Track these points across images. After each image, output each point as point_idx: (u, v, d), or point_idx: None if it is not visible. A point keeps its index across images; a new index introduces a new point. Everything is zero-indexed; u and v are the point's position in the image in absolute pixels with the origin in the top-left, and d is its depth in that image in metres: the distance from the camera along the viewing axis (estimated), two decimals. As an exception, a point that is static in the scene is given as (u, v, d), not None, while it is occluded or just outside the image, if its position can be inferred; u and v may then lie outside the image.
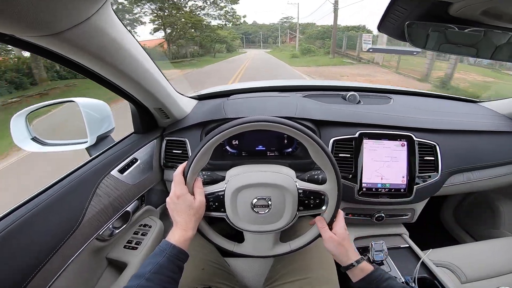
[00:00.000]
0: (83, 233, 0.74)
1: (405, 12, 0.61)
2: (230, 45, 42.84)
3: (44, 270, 0.63)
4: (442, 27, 0.61)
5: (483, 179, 1.16)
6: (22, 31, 0.45)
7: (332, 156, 0.70)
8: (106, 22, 0.54)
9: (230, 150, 1.12)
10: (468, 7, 0.54)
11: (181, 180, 0.70)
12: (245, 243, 0.80)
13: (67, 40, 0.50)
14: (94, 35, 0.53)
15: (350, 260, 0.70)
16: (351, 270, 0.70)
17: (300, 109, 1.06)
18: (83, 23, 0.48)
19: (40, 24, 0.43)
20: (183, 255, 0.64)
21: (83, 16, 0.47)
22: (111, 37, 0.57)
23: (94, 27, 0.51)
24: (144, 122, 1.04)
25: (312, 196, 0.75)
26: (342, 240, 0.72)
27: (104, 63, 0.63)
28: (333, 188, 0.73)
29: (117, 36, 0.59)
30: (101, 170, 0.86)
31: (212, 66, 18.07)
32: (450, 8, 0.57)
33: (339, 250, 0.72)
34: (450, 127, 1.10)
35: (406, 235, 1.17)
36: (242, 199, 0.73)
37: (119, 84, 0.77)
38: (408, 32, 0.64)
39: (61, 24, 0.46)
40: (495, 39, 0.61)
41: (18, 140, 0.92)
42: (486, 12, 0.56)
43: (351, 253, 0.71)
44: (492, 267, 1.03)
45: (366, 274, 0.67)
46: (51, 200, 0.70)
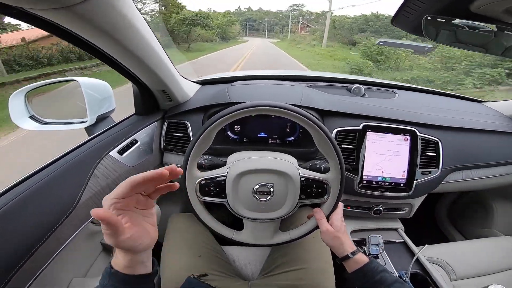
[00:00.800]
0: (79, 215, 0.72)
1: (423, 6, 0.60)
2: (225, 32, 35.64)
3: (39, 252, 0.62)
4: (452, 25, 0.60)
5: (482, 178, 1.17)
6: (31, 3, 0.43)
7: (337, 145, 0.69)
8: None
9: (232, 136, 1.11)
10: (491, 4, 0.53)
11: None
12: (245, 230, 0.80)
13: (77, 14, 0.48)
14: (105, 10, 0.51)
15: (346, 252, 0.71)
16: (346, 261, 0.71)
17: (305, 97, 1.05)
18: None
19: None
20: (135, 278, 0.46)
21: None
22: (122, 14, 0.55)
23: (105, 2, 0.49)
24: (146, 103, 1.02)
25: (314, 185, 0.75)
26: (338, 232, 0.73)
27: (112, 40, 0.60)
28: (336, 177, 0.72)
29: (128, 13, 0.57)
30: (100, 150, 0.84)
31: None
32: (472, 4, 0.55)
33: (335, 242, 0.73)
34: (454, 124, 1.09)
35: (401, 230, 1.18)
36: (244, 185, 0.72)
37: (125, 63, 0.75)
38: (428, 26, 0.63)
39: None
40: (506, 40, 0.60)
41: (16, 117, 0.91)
42: (509, 11, 0.55)
43: (347, 245, 0.72)
44: (481, 265, 1.04)
45: (360, 266, 0.69)
46: (46, 180, 0.68)
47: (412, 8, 0.62)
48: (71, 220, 0.70)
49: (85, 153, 0.80)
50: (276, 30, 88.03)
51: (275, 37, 75.88)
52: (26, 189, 0.63)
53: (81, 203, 0.72)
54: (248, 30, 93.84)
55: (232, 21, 38.80)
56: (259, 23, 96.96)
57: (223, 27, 34.00)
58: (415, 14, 0.62)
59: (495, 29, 0.60)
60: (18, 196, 0.61)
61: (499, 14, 0.56)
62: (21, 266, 0.58)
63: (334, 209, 0.76)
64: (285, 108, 0.65)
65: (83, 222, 0.75)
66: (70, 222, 0.70)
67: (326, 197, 0.76)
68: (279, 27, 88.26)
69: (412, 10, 0.62)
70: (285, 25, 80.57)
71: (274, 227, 0.79)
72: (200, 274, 0.80)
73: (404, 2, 0.61)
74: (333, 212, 0.76)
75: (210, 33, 27.51)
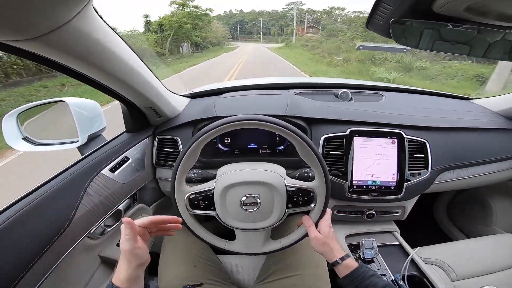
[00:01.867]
0: (74, 231, 0.75)
1: (390, 9, 0.61)
2: (188, 37, 24.58)
3: (36, 267, 0.64)
4: (435, 24, 0.61)
5: (474, 176, 1.17)
6: (1, 36, 0.45)
7: (319, 153, 0.70)
8: (89, 24, 0.54)
9: (222, 148, 1.12)
10: (451, 3, 0.54)
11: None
12: (237, 240, 0.81)
13: (48, 43, 0.50)
14: (76, 37, 0.53)
15: (335, 258, 0.72)
16: (336, 266, 0.72)
17: (291, 106, 1.07)
18: (63, 26, 0.48)
19: (19, 28, 0.43)
20: None
21: (63, 20, 0.47)
22: (94, 39, 0.57)
23: (75, 30, 0.51)
24: (135, 121, 1.05)
25: (300, 194, 0.76)
26: (327, 238, 0.74)
27: (89, 64, 0.62)
28: (321, 185, 0.73)
29: (101, 37, 0.59)
30: (92, 169, 0.86)
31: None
32: (433, 4, 0.56)
33: (324, 248, 0.74)
34: (441, 124, 1.10)
35: (397, 233, 1.18)
36: (231, 197, 0.74)
37: (107, 84, 0.77)
38: (395, 30, 0.64)
39: (39, 28, 0.45)
40: (489, 37, 0.61)
41: (10, 140, 0.92)
42: (470, 9, 0.56)
43: (336, 251, 0.73)
44: (482, 264, 1.03)
45: (350, 271, 0.69)
46: (41, 199, 0.71)
47: (382, 12, 0.62)
48: (67, 235, 0.73)
49: (78, 172, 0.82)
50: (273, 32, 75.33)
51: (273, 41, 64.74)
52: (23, 206, 0.66)
53: (75, 219, 0.75)
54: (240, 34, 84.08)
55: (200, 17, 25.44)
56: (252, 25, 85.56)
57: (184, 31, 23.18)
58: (385, 18, 0.63)
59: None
60: (16, 213, 0.64)
61: (461, 12, 0.57)
62: (21, 279, 0.61)
63: (322, 216, 0.77)
64: (265, 120, 0.66)
65: (79, 237, 0.78)
66: (66, 237, 0.73)
67: (313, 205, 0.77)
68: (276, 28, 75.78)
69: (382, 14, 0.63)
70: (283, 26, 71.53)
71: (264, 236, 0.80)
72: (196, 283, 0.81)
73: (373, 6, 0.62)
74: (321, 218, 0.77)
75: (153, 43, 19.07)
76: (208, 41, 27.91)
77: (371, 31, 0.72)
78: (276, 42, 54.14)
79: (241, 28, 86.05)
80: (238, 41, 73.36)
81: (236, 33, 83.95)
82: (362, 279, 0.67)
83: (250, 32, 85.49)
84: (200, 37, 26.12)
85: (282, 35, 62.35)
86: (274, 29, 73.32)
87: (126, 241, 0.60)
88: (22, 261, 0.62)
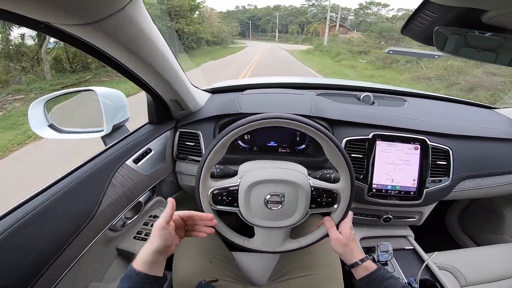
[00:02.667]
0: (97, 223, 0.76)
1: (434, 17, 0.60)
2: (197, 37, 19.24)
3: (60, 259, 0.64)
4: (463, 30, 0.60)
5: (493, 185, 1.16)
6: (58, 19, 0.46)
7: (347, 156, 0.71)
8: (138, 12, 0.54)
9: (242, 145, 1.12)
10: (502, 16, 0.54)
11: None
12: (255, 238, 0.82)
13: (99, 30, 0.50)
14: (126, 25, 0.54)
15: (355, 259, 0.72)
16: (355, 268, 0.72)
17: (315, 107, 1.06)
18: (116, 13, 0.48)
19: (76, 13, 0.44)
20: (151, 279, 0.59)
21: (117, 7, 0.48)
22: (140, 28, 0.58)
23: (127, 17, 0.52)
24: (159, 113, 1.05)
25: (324, 194, 0.76)
26: (348, 240, 0.75)
27: (130, 53, 0.63)
28: (346, 187, 0.74)
29: (146, 27, 0.60)
30: (117, 159, 0.87)
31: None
32: (483, 15, 0.56)
33: (345, 250, 0.74)
34: (465, 132, 1.09)
35: (411, 237, 1.18)
36: (255, 195, 0.74)
37: (141, 74, 0.78)
38: (438, 37, 0.64)
39: (95, 13, 0.46)
40: None
41: (35, 126, 0.93)
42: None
43: (356, 252, 0.74)
44: (492, 271, 1.04)
45: (369, 273, 0.70)
46: (67, 189, 0.71)
47: (422, 19, 0.62)
48: (91, 227, 0.73)
49: (103, 162, 0.83)
50: (291, 30, 60.77)
51: (291, 40, 51.85)
52: (49, 197, 0.66)
53: (100, 211, 0.75)
54: (252, 31, 73.26)
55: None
56: (266, 21, 71.94)
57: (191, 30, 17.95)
58: (426, 24, 0.63)
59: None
60: (41, 204, 0.64)
61: (510, 24, 0.56)
62: (45, 271, 0.61)
63: (344, 218, 0.77)
64: (297, 120, 0.67)
65: (102, 228, 0.78)
66: (90, 229, 0.73)
67: (336, 206, 0.77)
68: (295, 25, 61.42)
69: (423, 20, 0.62)
70: (304, 23, 58.19)
71: (284, 235, 0.81)
72: (211, 279, 0.81)
73: (414, 12, 0.62)
74: (342, 220, 0.78)
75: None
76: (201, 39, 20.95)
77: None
78: (295, 42, 44.04)
79: (253, 24, 75.45)
80: (250, 39, 65.14)
81: (247, 30, 74.18)
82: (380, 281, 0.68)
83: (263, 29, 72.83)
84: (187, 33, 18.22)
85: (302, 33, 53.42)
86: (293, 26, 60.15)
87: (160, 218, 0.63)
88: (45, 255, 0.62)
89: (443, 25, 0.61)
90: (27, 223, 0.60)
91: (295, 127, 0.68)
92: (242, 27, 71.42)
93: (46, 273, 0.61)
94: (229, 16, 71.68)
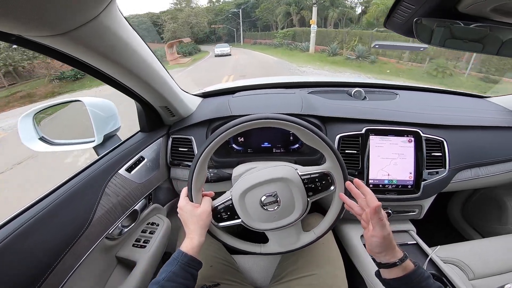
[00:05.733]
0: (93, 232, 0.75)
1: (412, 8, 0.61)
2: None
3: (57, 270, 0.64)
4: (448, 22, 0.60)
5: (492, 175, 1.15)
6: (29, 31, 0.45)
7: (322, 133, 0.70)
8: (113, 21, 0.54)
9: (236, 148, 1.12)
10: (478, 4, 0.54)
11: (184, 193, 0.77)
12: (270, 242, 0.82)
13: (74, 40, 0.50)
14: (101, 34, 0.53)
15: (394, 259, 0.60)
16: (392, 268, 0.61)
17: (306, 105, 1.06)
18: (90, 22, 0.48)
19: (47, 23, 0.43)
20: (195, 263, 0.67)
21: (90, 15, 0.47)
22: (118, 36, 0.57)
23: (101, 26, 0.51)
24: (150, 120, 1.05)
25: (317, 179, 0.75)
26: (390, 234, 0.62)
27: (111, 62, 0.63)
28: (334, 164, 0.73)
29: (124, 35, 0.59)
30: (109, 169, 0.86)
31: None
32: (459, 4, 0.56)
33: (386, 248, 0.61)
34: (458, 122, 1.09)
35: (413, 232, 1.16)
36: (250, 202, 0.74)
37: (126, 83, 0.77)
38: (418, 28, 0.63)
39: (68, 23, 0.45)
40: (502, 34, 0.60)
41: (26, 139, 0.93)
42: (496, 9, 0.55)
43: (397, 251, 0.62)
44: (500, 263, 1.02)
45: (407, 273, 0.60)
46: (61, 200, 0.70)
47: (402, 11, 0.62)
48: (87, 237, 0.73)
49: (96, 172, 0.83)
50: (330, 16, 24.68)
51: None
52: (42, 208, 0.66)
53: (94, 221, 0.75)
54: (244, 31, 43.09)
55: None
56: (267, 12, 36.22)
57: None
58: (406, 16, 0.63)
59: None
60: (35, 216, 0.64)
61: (487, 13, 0.56)
62: (42, 283, 0.60)
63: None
64: (259, 118, 0.68)
65: (98, 238, 0.77)
66: (86, 238, 0.73)
67: (333, 187, 0.76)
68: (336, 11, 24.55)
69: (402, 12, 0.62)
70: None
71: (296, 231, 0.81)
72: (212, 283, 0.81)
73: (394, 4, 0.62)
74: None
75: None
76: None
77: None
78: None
79: (248, 17, 41.71)
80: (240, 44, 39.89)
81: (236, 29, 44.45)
82: (418, 281, 0.59)
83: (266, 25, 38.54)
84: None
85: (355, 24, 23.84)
86: (333, 10, 24.73)
87: (206, 201, 0.75)
88: (43, 264, 0.62)
89: (422, 16, 0.61)
90: (20, 236, 0.60)
91: (265, 125, 0.69)
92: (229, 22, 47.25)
93: (46, 281, 0.61)
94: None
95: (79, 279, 0.78)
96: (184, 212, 0.73)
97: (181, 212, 0.74)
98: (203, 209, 0.73)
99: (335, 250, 0.94)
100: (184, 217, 0.74)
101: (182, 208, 0.74)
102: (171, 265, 0.64)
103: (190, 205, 0.73)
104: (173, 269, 0.63)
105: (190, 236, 0.70)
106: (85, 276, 0.83)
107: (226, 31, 50.43)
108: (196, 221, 0.71)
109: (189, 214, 0.72)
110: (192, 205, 0.74)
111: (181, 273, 0.63)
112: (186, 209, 0.73)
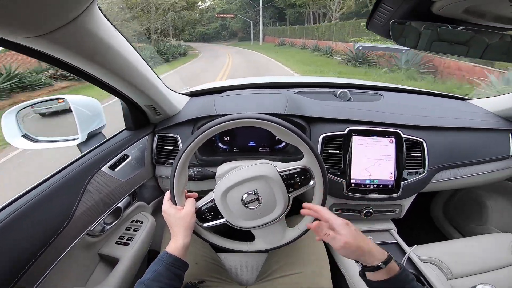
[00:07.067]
0: (74, 229, 0.76)
1: (390, 10, 0.62)
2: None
3: (37, 264, 0.65)
4: (434, 25, 0.62)
5: (471, 175, 1.18)
6: (9, 33, 0.45)
7: (295, 129, 0.72)
8: (94, 22, 0.54)
9: (222, 146, 1.13)
10: (450, 6, 0.55)
11: (167, 196, 0.78)
12: (256, 240, 0.82)
13: (55, 41, 0.50)
14: (82, 35, 0.54)
15: (377, 261, 0.59)
16: (376, 271, 0.60)
17: (291, 105, 1.07)
18: (70, 23, 0.48)
19: (26, 25, 0.43)
20: (180, 263, 0.68)
21: (70, 17, 0.47)
22: (99, 37, 0.57)
23: (81, 28, 0.51)
24: (135, 118, 1.05)
25: (296, 175, 0.77)
26: (355, 240, 0.62)
27: (93, 62, 0.63)
28: (311, 158, 0.75)
29: (105, 35, 0.59)
30: (92, 166, 0.86)
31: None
32: (433, 6, 0.57)
33: (358, 254, 0.62)
34: (438, 124, 1.11)
35: (394, 231, 1.19)
36: (232, 201, 0.75)
37: (109, 82, 0.78)
38: (394, 30, 0.64)
39: (47, 25, 0.46)
40: (487, 38, 0.61)
41: (9, 136, 0.93)
42: (468, 11, 0.57)
43: (376, 252, 0.61)
44: (478, 263, 1.04)
45: (391, 276, 0.59)
46: (41, 197, 0.71)
47: (382, 13, 0.63)
48: (68, 232, 0.73)
49: (78, 169, 0.83)
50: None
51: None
52: (23, 204, 0.67)
53: (76, 216, 0.75)
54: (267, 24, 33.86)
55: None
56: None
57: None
58: (385, 19, 0.64)
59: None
60: (16, 211, 0.65)
61: (460, 14, 0.58)
62: (21, 277, 0.61)
63: (326, 190, 0.77)
64: (236, 118, 0.70)
65: (79, 234, 0.78)
66: (67, 234, 0.73)
67: (312, 182, 0.77)
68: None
69: (382, 15, 0.63)
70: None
71: (281, 227, 0.81)
72: (197, 280, 0.81)
73: (373, 7, 0.63)
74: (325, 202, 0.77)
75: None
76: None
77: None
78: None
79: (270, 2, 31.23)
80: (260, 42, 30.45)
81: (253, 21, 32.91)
82: (402, 284, 0.59)
83: (297, 16, 27.02)
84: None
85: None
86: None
87: (189, 202, 0.76)
88: (22, 259, 0.63)
89: (400, 18, 0.63)
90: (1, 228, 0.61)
91: (236, 126, 0.71)
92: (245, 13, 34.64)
93: (24, 276, 0.62)
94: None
95: (61, 275, 0.79)
96: (168, 215, 0.74)
97: (165, 215, 0.75)
98: (186, 211, 0.74)
99: (321, 249, 0.95)
100: (169, 220, 0.75)
101: (165, 211, 0.75)
102: (156, 265, 0.65)
103: (173, 208, 0.74)
104: (158, 269, 0.64)
105: (175, 238, 0.71)
106: (67, 272, 0.83)
107: (240, 25, 37.19)
108: (181, 224, 0.72)
109: (172, 217, 0.73)
110: (175, 208, 0.74)
111: (166, 273, 0.64)
112: (170, 212, 0.74)
